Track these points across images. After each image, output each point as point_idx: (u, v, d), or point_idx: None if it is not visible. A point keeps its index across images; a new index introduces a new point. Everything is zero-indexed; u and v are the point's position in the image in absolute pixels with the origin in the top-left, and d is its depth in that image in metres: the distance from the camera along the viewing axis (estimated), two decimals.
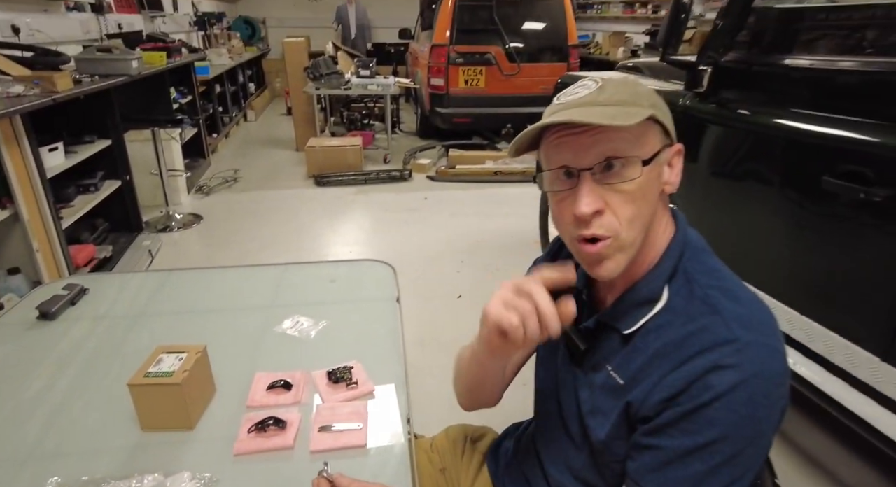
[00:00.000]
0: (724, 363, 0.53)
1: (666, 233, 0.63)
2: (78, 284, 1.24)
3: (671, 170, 0.62)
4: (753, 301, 0.58)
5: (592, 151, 0.57)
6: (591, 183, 0.57)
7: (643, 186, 0.57)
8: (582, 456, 0.69)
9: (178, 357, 0.84)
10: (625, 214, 0.58)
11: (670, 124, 0.61)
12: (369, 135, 5.73)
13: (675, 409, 0.55)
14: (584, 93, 0.59)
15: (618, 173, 0.57)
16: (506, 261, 3.05)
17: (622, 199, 0.57)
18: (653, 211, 0.60)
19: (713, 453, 0.53)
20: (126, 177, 3.05)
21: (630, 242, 0.59)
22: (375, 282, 1.33)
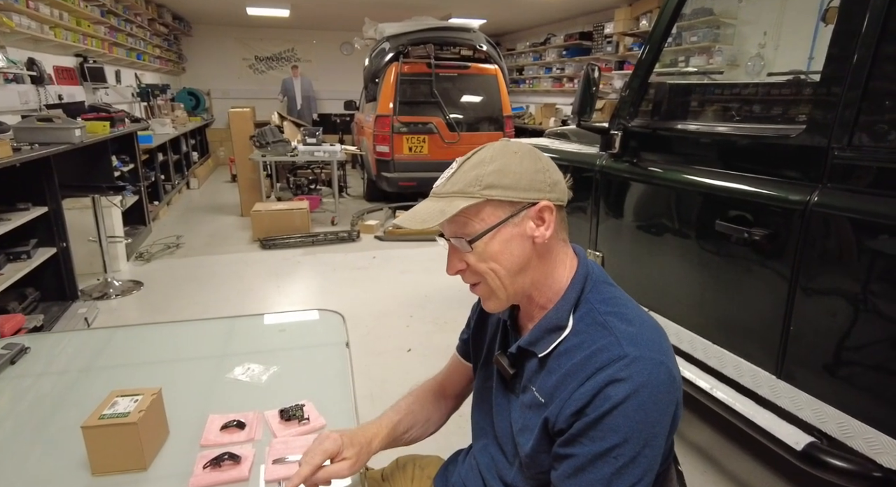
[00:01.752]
0: (618, 376, 0.63)
1: (567, 269, 0.75)
2: (18, 343, 1.23)
3: (540, 225, 0.71)
4: (644, 322, 0.70)
5: (445, 230, 0.74)
6: (453, 249, 0.74)
7: (488, 251, 0.71)
8: (513, 471, 0.77)
9: (134, 399, 0.87)
10: (480, 270, 0.72)
11: (521, 192, 0.70)
12: (316, 199, 5.83)
13: (583, 420, 0.64)
14: (442, 180, 0.74)
15: (460, 246, 0.72)
16: (454, 314, 3.14)
17: (476, 260, 0.72)
18: (518, 262, 0.71)
19: (617, 456, 0.62)
20: (62, 244, 2.97)
21: (496, 287, 0.72)
22: (325, 330, 1.40)
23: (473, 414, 0.90)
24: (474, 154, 0.74)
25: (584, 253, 0.78)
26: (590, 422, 0.63)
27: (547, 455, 0.70)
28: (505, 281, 0.72)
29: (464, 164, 0.73)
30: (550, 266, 0.74)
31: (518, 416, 0.76)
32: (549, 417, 0.68)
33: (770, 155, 1.38)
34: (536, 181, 0.71)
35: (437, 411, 0.97)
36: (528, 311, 0.78)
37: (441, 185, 0.73)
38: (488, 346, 0.89)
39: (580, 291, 0.73)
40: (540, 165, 0.73)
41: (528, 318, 0.79)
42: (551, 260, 0.74)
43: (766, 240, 1.32)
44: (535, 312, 0.77)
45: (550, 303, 0.75)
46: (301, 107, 9.66)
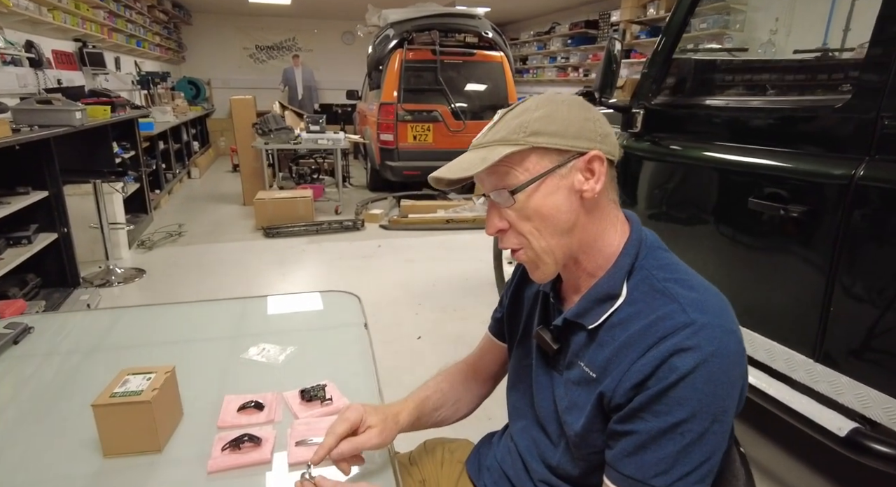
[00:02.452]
0: (684, 345, 0.57)
1: (619, 233, 0.69)
2: (21, 323, 1.17)
3: (590, 178, 0.65)
4: (707, 288, 0.64)
5: (483, 185, 0.68)
6: (493, 208, 0.68)
7: (531, 205, 0.64)
8: (558, 453, 0.71)
9: (146, 377, 0.81)
10: (523, 229, 0.66)
11: (570, 140, 0.65)
12: (319, 188, 5.76)
13: (645, 393, 0.58)
14: (485, 129, 0.68)
15: (500, 201, 0.66)
16: (463, 302, 3.08)
17: (518, 217, 0.66)
18: (565, 219, 0.65)
19: (683, 432, 0.57)
20: (63, 229, 2.91)
21: (542, 250, 0.66)
22: (341, 311, 1.34)
23: (509, 395, 0.84)
24: (518, 104, 0.67)
25: (636, 217, 0.72)
26: (653, 396, 0.58)
27: (600, 433, 0.64)
28: (551, 242, 0.66)
29: (506, 115, 0.67)
30: (600, 227, 0.68)
31: (563, 394, 0.70)
32: (604, 392, 0.62)
33: (810, 127, 1.32)
34: (586, 129, 0.65)
35: (468, 392, 0.91)
36: (573, 280, 0.72)
37: (482, 136, 0.68)
38: (525, 322, 0.83)
39: (634, 257, 0.67)
40: (590, 114, 0.67)
41: (574, 288, 0.73)
42: (601, 220, 0.68)
43: (804, 216, 1.26)
44: (583, 281, 0.71)
45: (600, 270, 0.68)
46: (302, 97, 9.56)
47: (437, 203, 5.19)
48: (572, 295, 0.73)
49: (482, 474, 0.84)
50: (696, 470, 0.57)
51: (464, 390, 0.90)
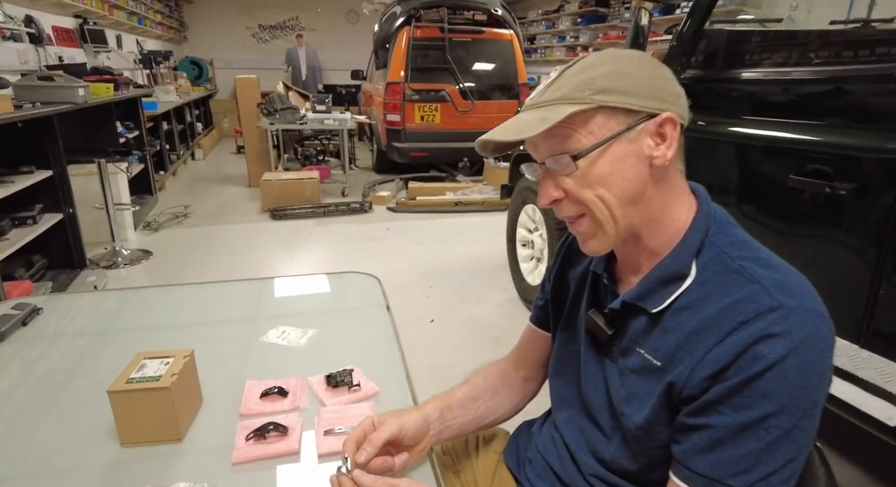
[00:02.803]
0: (771, 331, 0.51)
1: (686, 207, 0.63)
2: (30, 303, 1.11)
3: (662, 143, 0.58)
4: (789, 269, 0.58)
5: (539, 150, 0.61)
6: (547, 176, 0.61)
7: (594, 173, 0.58)
8: (612, 447, 0.66)
9: (164, 361, 0.76)
10: (584, 198, 0.59)
11: (640, 100, 0.57)
12: (325, 169, 5.68)
13: (724, 384, 0.52)
14: (541, 87, 0.61)
15: (559, 168, 0.59)
16: (475, 285, 3.03)
17: (576, 186, 0.59)
18: (631, 189, 0.59)
19: (768, 428, 0.51)
20: (69, 210, 2.85)
21: (604, 219, 0.59)
22: (361, 293, 1.28)
23: (552, 383, 0.78)
24: (578, 60, 0.60)
25: (704, 190, 0.65)
26: (734, 387, 0.52)
27: (665, 427, 0.59)
28: (615, 212, 0.59)
29: (566, 71, 0.60)
30: (667, 199, 0.61)
31: (618, 383, 0.64)
32: (674, 382, 0.56)
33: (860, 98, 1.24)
34: (657, 88, 0.58)
35: (508, 388, 0.84)
36: (632, 259, 0.66)
37: (538, 95, 0.61)
38: (570, 305, 0.76)
39: (703, 233, 0.61)
40: (661, 72, 0.60)
41: (632, 268, 0.66)
42: (669, 191, 0.61)
43: (852, 193, 1.19)
44: (644, 260, 0.64)
45: (665, 248, 0.62)
46: (306, 78, 9.41)
47: (446, 185, 5.12)
48: (629, 275, 0.67)
49: (522, 466, 0.78)
50: (781, 470, 0.51)
51: (503, 384, 0.84)
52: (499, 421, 0.83)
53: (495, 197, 4.72)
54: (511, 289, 2.90)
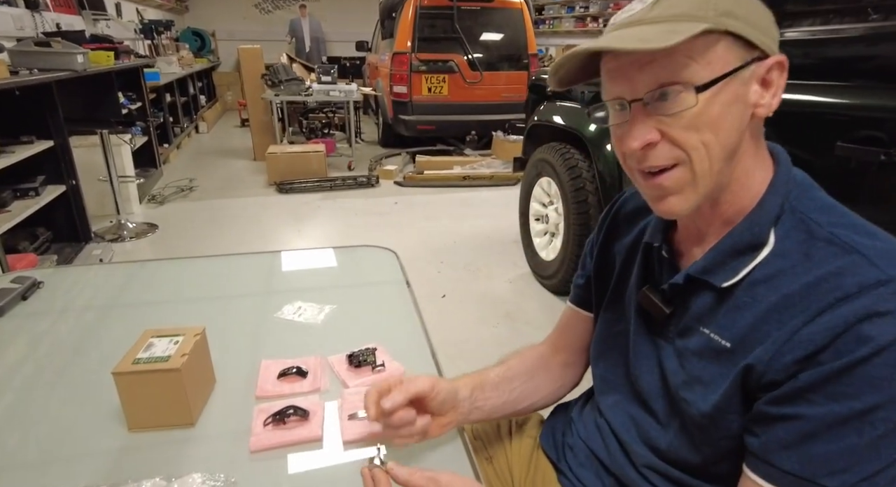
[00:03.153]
0: (882, 309, 0.44)
1: (764, 169, 0.55)
2: (30, 277, 1.05)
3: (766, 90, 0.51)
4: (889, 237, 0.50)
5: (639, 80, 0.50)
6: (642, 115, 0.51)
7: (707, 114, 0.49)
8: (668, 435, 0.59)
9: (173, 340, 0.70)
10: (688, 142, 0.50)
11: (760, 34, 0.50)
12: (331, 143, 5.57)
13: (817, 370, 0.45)
14: (638, 8, 0.52)
15: (669, 103, 0.49)
16: (486, 261, 2.96)
17: (682, 127, 0.50)
18: (734, 140, 0.51)
19: (874, 422, 0.44)
20: (72, 181, 2.78)
21: (701, 173, 0.51)
22: (378, 268, 1.22)
23: (596, 366, 0.72)
24: None
25: (782, 149, 0.57)
26: (829, 373, 0.45)
27: (737, 415, 0.52)
28: (715, 165, 0.51)
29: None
30: (753, 159, 0.54)
31: (676, 366, 0.58)
32: (753, 365, 0.49)
33: None
34: (772, 25, 0.51)
35: (547, 372, 0.77)
36: (699, 229, 0.58)
37: (646, 11, 0.51)
38: (617, 281, 0.69)
39: (783, 198, 0.53)
40: (767, 9, 0.51)
41: (696, 238, 0.59)
42: (756, 150, 0.54)
43: None
44: (713, 229, 0.57)
45: (739, 215, 0.55)
46: (310, 50, 9.19)
47: (454, 159, 5.01)
48: (691, 247, 0.60)
49: (563, 453, 0.72)
50: (885, 471, 0.44)
51: (540, 368, 0.77)
52: (534, 408, 0.77)
53: (504, 171, 4.62)
54: (523, 265, 2.84)
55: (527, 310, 2.43)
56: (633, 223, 0.69)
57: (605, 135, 2.12)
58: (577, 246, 2.24)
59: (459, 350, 2.09)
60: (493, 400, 0.70)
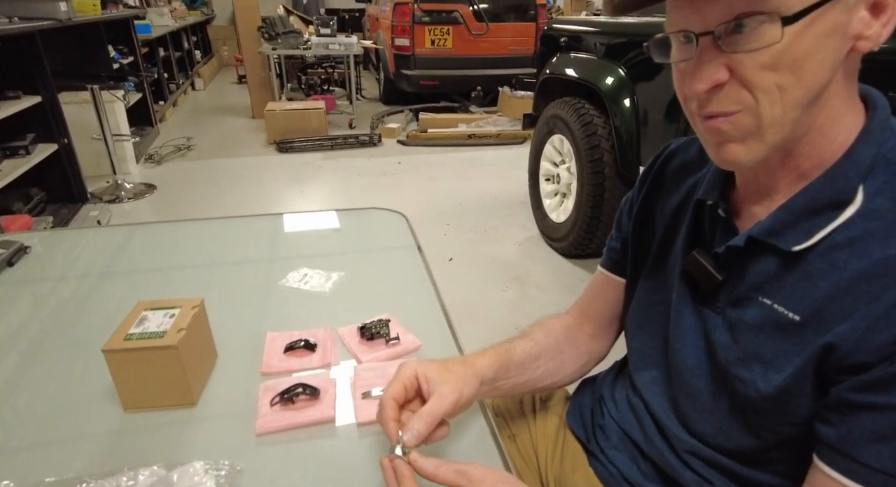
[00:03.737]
0: None
1: (855, 115, 0.46)
2: (16, 241, 0.99)
3: (876, 18, 0.42)
4: None
5: (711, 9, 0.42)
6: (711, 51, 0.43)
7: (794, 51, 0.41)
8: (715, 418, 0.53)
9: (168, 313, 0.63)
10: (761, 83, 0.42)
11: None
12: (331, 99, 5.38)
13: None
14: None
15: (745, 37, 0.41)
16: (493, 223, 2.89)
17: (758, 67, 0.42)
18: (821, 81, 0.42)
19: None
20: (63, 140, 2.68)
21: (770, 121, 0.43)
22: (386, 232, 1.14)
23: (633, 339, 0.65)
24: None
25: (879, 94, 0.48)
26: None
27: (808, 399, 0.46)
28: (788, 113, 0.43)
29: None
30: (844, 103, 0.45)
31: (727, 340, 0.51)
32: (834, 345, 0.43)
33: None
34: None
35: (574, 346, 0.71)
36: (764, 184, 0.50)
37: None
38: (660, 245, 0.62)
39: (877, 148, 0.45)
40: None
41: (761, 195, 0.51)
42: (850, 93, 0.45)
43: None
44: (782, 184, 0.49)
45: (817, 169, 0.47)
46: (307, 1, 8.80)
47: (458, 116, 4.85)
48: (753, 206, 0.52)
49: (592, 433, 0.67)
50: None
51: (567, 341, 0.70)
52: (555, 386, 0.70)
53: (511, 129, 4.47)
54: (532, 227, 2.76)
55: (536, 274, 2.38)
56: (682, 179, 0.61)
57: (622, 88, 2.00)
58: (590, 207, 2.16)
59: (468, 313, 2.04)
60: (514, 379, 0.63)
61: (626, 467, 0.61)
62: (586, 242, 2.29)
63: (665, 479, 0.58)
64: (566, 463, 0.67)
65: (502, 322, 2.01)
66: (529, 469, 0.71)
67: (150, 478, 0.52)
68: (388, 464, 0.48)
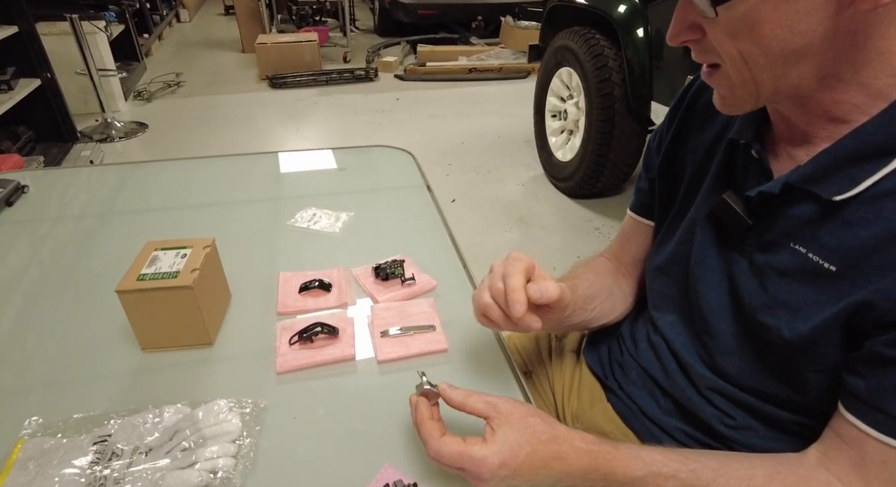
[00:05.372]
0: None
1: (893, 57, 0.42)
2: (12, 180, 0.95)
3: None
4: None
5: None
6: (685, 4, 0.44)
7: (750, 18, 0.40)
8: (741, 360, 0.53)
9: (180, 253, 0.62)
10: (725, 49, 0.43)
11: None
12: (324, 31, 5.13)
13: None
14: None
15: (697, 1, 0.41)
16: (496, 162, 2.83)
17: (720, 32, 0.42)
18: (792, 46, 0.40)
19: None
20: (46, 74, 2.55)
21: (741, 82, 0.44)
22: (393, 170, 1.11)
23: (654, 279, 0.64)
24: None
25: None
26: None
27: (834, 349, 0.45)
28: (758, 75, 0.43)
29: None
30: (868, 54, 0.41)
31: (754, 285, 0.50)
32: (873, 302, 0.41)
33: None
34: None
35: (618, 286, 0.70)
36: (797, 126, 0.48)
37: None
38: (689, 185, 0.60)
39: None
40: None
41: (798, 138, 0.48)
42: (871, 45, 0.41)
43: None
44: (820, 129, 0.46)
45: (859, 113, 0.43)
46: None
47: (458, 49, 4.63)
48: (790, 147, 0.49)
49: (610, 370, 0.67)
50: None
51: (615, 285, 0.69)
52: (604, 325, 0.69)
53: (514, 62, 4.29)
54: (536, 166, 2.71)
55: (541, 214, 2.36)
56: (714, 115, 0.58)
57: (636, 17, 1.89)
58: (598, 144, 2.10)
59: (472, 255, 2.01)
60: (575, 318, 0.62)
61: (645, 402, 0.62)
62: (593, 182, 2.25)
63: (684, 415, 0.59)
64: (584, 398, 0.68)
65: None
66: (546, 405, 0.72)
67: (175, 415, 0.52)
68: (416, 401, 0.48)
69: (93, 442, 0.48)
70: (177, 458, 0.47)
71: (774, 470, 0.46)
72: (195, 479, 0.46)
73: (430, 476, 0.48)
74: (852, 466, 0.44)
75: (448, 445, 0.44)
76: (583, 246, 2.12)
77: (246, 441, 0.50)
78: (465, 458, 0.43)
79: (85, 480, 0.45)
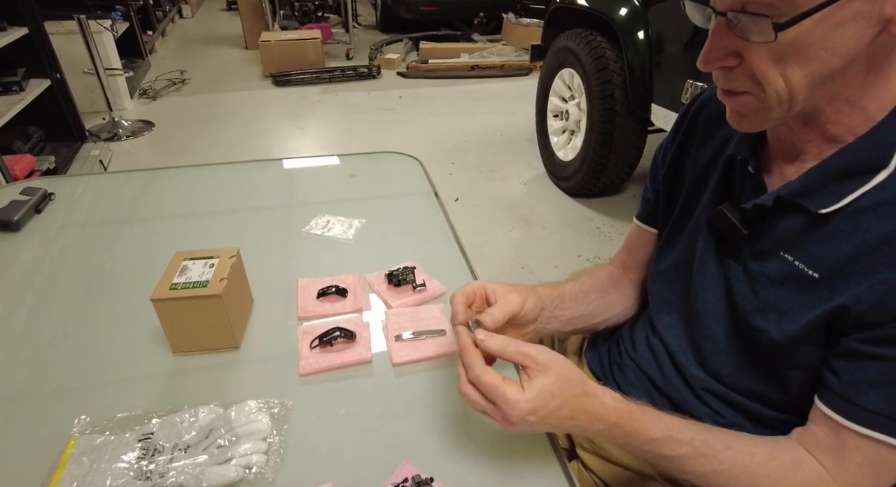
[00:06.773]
0: None
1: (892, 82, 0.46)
2: (40, 188, 0.99)
3: None
4: None
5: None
6: (723, 30, 0.45)
7: (798, 44, 0.42)
8: (731, 360, 0.58)
9: (208, 263, 0.66)
10: (766, 75, 0.45)
11: None
12: (327, 28, 5.15)
13: None
14: None
15: (744, 28, 0.43)
16: (499, 161, 2.87)
17: (764, 57, 0.44)
18: (838, 66, 0.43)
19: None
20: (56, 75, 2.59)
21: (774, 105, 0.46)
22: (402, 176, 1.15)
23: (655, 283, 0.68)
24: None
25: None
26: None
27: (816, 348, 0.50)
28: (797, 96, 0.45)
29: None
30: (873, 78, 0.45)
31: (747, 291, 0.54)
32: (849, 307, 0.46)
33: None
34: None
35: (619, 290, 0.75)
36: (792, 144, 0.52)
37: None
38: (687, 196, 0.64)
39: None
40: None
41: (791, 154, 0.53)
42: (880, 68, 0.45)
43: None
44: (811, 146, 0.50)
45: (848, 134, 0.48)
46: None
47: (460, 46, 4.66)
48: (783, 163, 0.54)
49: (609, 371, 0.72)
50: None
51: (612, 285, 0.74)
52: (607, 324, 0.74)
53: (516, 59, 4.32)
54: (538, 165, 2.75)
55: (542, 214, 2.40)
56: (714, 131, 0.62)
57: (637, 19, 1.92)
58: (599, 145, 2.14)
59: (475, 254, 2.06)
60: (570, 311, 0.68)
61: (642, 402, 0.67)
62: (594, 181, 2.29)
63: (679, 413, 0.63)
64: None
65: (508, 262, 2.06)
66: None
67: (209, 415, 0.56)
68: (463, 331, 0.52)
69: (137, 439, 0.53)
70: (213, 454, 0.52)
71: (773, 449, 0.51)
72: (232, 474, 0.50)
73: (446, 471, 0.53)
74: (830, 452, 0.48)
75: (490, 374, 0.47)
76: (584, 245, 2.16)
77: (275, 439, 0.55)
78: (500, 395, 0.46)
79: (133, 473, 0.50)
